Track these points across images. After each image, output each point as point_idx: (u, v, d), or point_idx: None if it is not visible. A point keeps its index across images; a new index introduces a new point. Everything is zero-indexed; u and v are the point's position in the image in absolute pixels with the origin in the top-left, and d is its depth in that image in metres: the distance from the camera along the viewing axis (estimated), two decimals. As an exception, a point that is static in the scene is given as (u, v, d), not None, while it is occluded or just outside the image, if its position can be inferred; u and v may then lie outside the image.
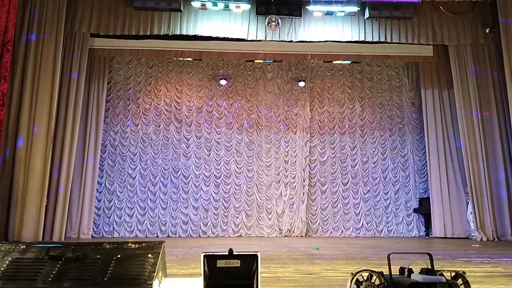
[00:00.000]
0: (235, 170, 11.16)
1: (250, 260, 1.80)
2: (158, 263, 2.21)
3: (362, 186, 11.34)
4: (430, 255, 2.34)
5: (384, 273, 2.33)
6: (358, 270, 2.31)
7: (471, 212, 9.78)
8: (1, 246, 2.28)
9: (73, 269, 2.15)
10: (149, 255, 2.25)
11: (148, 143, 11.07)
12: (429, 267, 2.29)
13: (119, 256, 2.23)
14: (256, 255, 1.82)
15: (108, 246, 2.29)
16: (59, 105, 9.03)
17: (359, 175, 11.40)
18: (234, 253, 1.80)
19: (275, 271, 3.90)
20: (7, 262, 2.19)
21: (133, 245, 2.30)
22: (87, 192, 9.94)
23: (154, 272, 2.14)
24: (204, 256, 1.82)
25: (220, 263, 1.79)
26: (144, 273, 2.14)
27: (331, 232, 11.02)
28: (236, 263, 1.79)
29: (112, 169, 10.80)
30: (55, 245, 2.32)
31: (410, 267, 2.30)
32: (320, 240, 9.36)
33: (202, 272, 1.82)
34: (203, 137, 11.26)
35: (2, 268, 2.14)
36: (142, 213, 10.65)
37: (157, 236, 10.48)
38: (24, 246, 2.30)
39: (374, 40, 9.78)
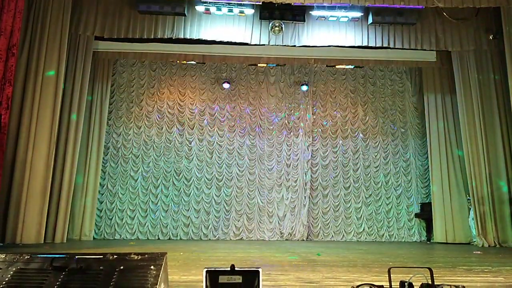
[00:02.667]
0: (236, 173, 11.19)
1: (252, 276, 1.82)
2: (160, 275, 2.23)
3: (364, 191, 11.35)
4: (430, 269, 2.35)
5: (385, 286, 2.34)
6: (359, 284, 2.33)
7: (472, 218, 9.78)
8: (5, 256, 2.31)
9: (76, 281, 2.18)
10: (152, 267, 2.27)
11: (151, 146, 11.12)
12: (429, 281, 2.31)
13: (122, 267, 2.25)
14: (258, 271, 1.84)
15: (111, 257, 2.31)
16: (63, 107, 9.07)
17: (361, 179, 11.40)
18: (236, 268, 1.82)
19: (276, 279, 3.92)
20: (11, 272, 2.21)
21: (136, 257, 2.33)
22: (89, 193, 10.00)
23: (157, 284, 2.16)
24: (206, 271, 1.84)
25: (222, 279, 1.81)
26: (147, 285, 2.16)
27: (332, 236, 11.03)
28: (238, 279, 1.81)
29: (114, 171, 10.85)
30: (59, 255, 2.35)
31: (411, 281, 2.32)
32: (321, 244, 9.37)
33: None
34: (205, 140, 11.29)
35: (6, 279, 2.17)
36: (143, 215, 10.69)
37: (158, 239, 10.52)
38: (28, 257, 2.32)
39: (377, 46, 9.80)
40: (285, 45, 9.73)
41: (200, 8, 9.11)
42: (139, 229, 10.61)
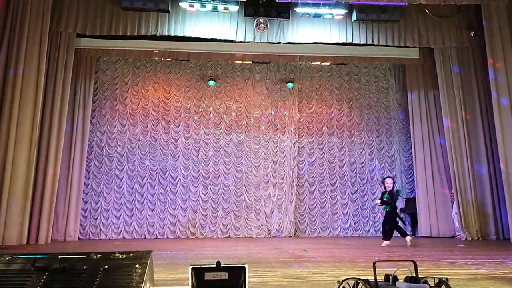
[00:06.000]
0: (223, 171, 11.16)
1: (237, 272, 1.82)
2: (145, 274, 2.20)
3: (349, 187, 11.46)
4: (414, 262, 2.38)
5: (370, 280, 2.36)
6: (345, 278, 2.35)
7: (456, 212, 9.97)
8: (-15, 257, 2.25)
9: (59, 281, 2.13)
10: (137, 266, 2.24)
11: (136, 144, 10.99)
12: (414, 274, 2.33)
13: (106, 266, 2.22)
14: (244, 267, 1.83)
15: (95, 256, 2.28)
16: (45, 106, 8.91)
17: (347, 176, 11.51)
18: (222, 265, 1.81)
19: (263, 276, 3.92)
20: (-8, 274, 2.16)
21: (121, 256, 2.29)
22: (74, 193, 9.83)
23: (142, 283, 2.13)
24: (192, 268, 1.82)
25: (208, 276, 1.80)
26: (132, 284, 2.13)
27: (319, 232, 11.11)
28: (224, 275, 1.80)
29: (98, 170, 10.70)
30: (41, 255, 2.30)
31: (395, 274, 2.34)
32: (308, 240, 9.42)
33: (190, 285, 1.83)
34: (191, 137, 11.23)
35: (-13, 281, 2.11)
36: (129, 214, 10.58)
37: (145, 238, 10.43)
38: (10, 258, 2.26)
39: (361, 43, 9.87)
40: (270, 42, 9.73)
41: (184, 5, 9.02)
42: (125, 228, 10.49)
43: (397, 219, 8.12)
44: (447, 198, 10.49)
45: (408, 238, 7.79)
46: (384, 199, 7.94)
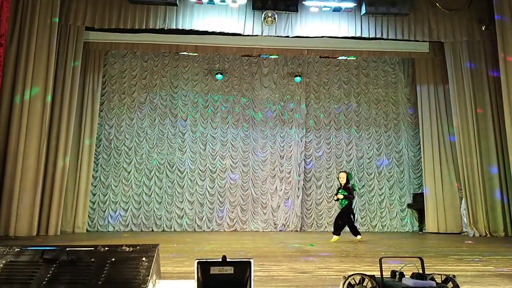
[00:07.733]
0: (230, 164, 11.18)
1: (243, 267, 1.82)
2: (152, 267, 2.22)
3: (357, 182, 11.39)
4: (421, 259, 2.37)
5: (376, 276, 2.35)
6: (351, 273, 2.34)
7: (464, 208, 9.89)
8: (-5, 249, 2.28)
9: (67, 273, 2.16)
10: (144, 259, 2.26)
11: (143, 137, 11.05)
12: (420, 270, 2.32)
13: (113, 259, 2.24)
14: (250, 262, 1.84)
15: (102, 249, 2.30)
16: (54, 99, 8.97)
17: (354, 171, 11.44)
18: (227, 260, 1.82)
19: (269, 270, 3.94)
20: (1, 265, 2.19)
21: (128, 248, 2.32)
22: (82, 186, 9.92)
23: (148, 276, 2.15)
24: (198, 262, 1.83)
25: (214, 270, 1.81)
26: (138, 277, 2.15)
27: (326, 226, 11.08)
28: (230, 270, 1.81)
29: (107, 163, 10.79)
30: (49, 247, 2.33)
31: (402, 270, 2.33)
32: (314, 235, 9.43)
33: (196, 279, 1.84)
34: (199, 131, 11.25)
35: (-4, 272, 2.15)
36: (137, 207, 10.66)
37: (152, 231, 10.52)
38: (18, 249, 2.30)
39: (370, 36, 9.76)
40: (278, 36, 9.66)
41: (192, -2, 8.99)
42: (132, 221, 10.58)
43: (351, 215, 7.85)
44: (455, 194, 10.40)
45: (358, 236, 7.52)
46: (341, 193, 7.68)
